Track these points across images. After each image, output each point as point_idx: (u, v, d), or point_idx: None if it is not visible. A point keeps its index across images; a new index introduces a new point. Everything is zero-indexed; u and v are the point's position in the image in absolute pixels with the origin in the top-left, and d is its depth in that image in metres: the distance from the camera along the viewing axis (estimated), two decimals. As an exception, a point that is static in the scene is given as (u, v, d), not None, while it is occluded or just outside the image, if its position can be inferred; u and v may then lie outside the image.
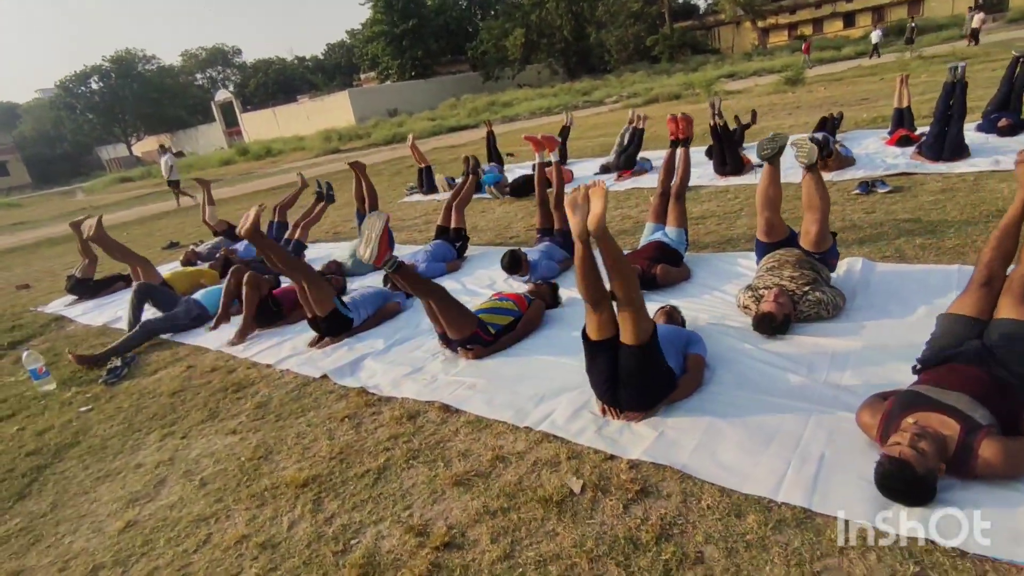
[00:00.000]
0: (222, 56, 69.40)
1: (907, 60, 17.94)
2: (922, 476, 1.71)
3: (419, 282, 3.16)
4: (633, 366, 2.32)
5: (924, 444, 1.74)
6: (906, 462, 1.71)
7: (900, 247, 3.68)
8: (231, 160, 31.54)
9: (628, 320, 2.28)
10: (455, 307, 3.15)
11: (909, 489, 1.73)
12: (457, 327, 3.16)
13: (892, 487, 1.75)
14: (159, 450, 2.92)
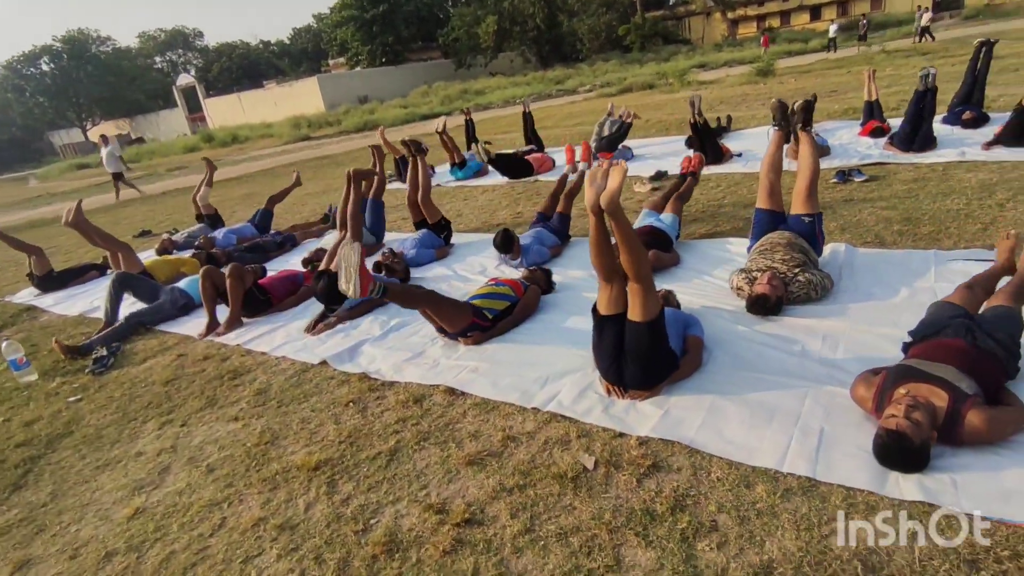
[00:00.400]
0: (183, 39, 67.05)
1: (871, 54, 18.45)
2: (918, 446, 1.83)
3: (410, 297, 3.16)
4: (639, 342, 2.40)
5: (918, 415, 1.86)
6: (903, 434, 1.83)
7: (879, 233, 3.85)
8: (196, 147, 30.60)
9: (637, 296, 2.36)
10: (448, 305, 3.17)
11: (907, 458, 1.85)
12: (454, 322, 3.19)
13: (891, 457, 1.87)
14: (159, 438, 2.89)
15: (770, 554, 1.67)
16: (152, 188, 15.84)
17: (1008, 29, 20.48)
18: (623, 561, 1.73)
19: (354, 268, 2.79)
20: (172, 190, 14.62)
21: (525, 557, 1.81)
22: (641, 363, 2.44)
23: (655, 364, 2.47)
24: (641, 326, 2.38)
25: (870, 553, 1.63)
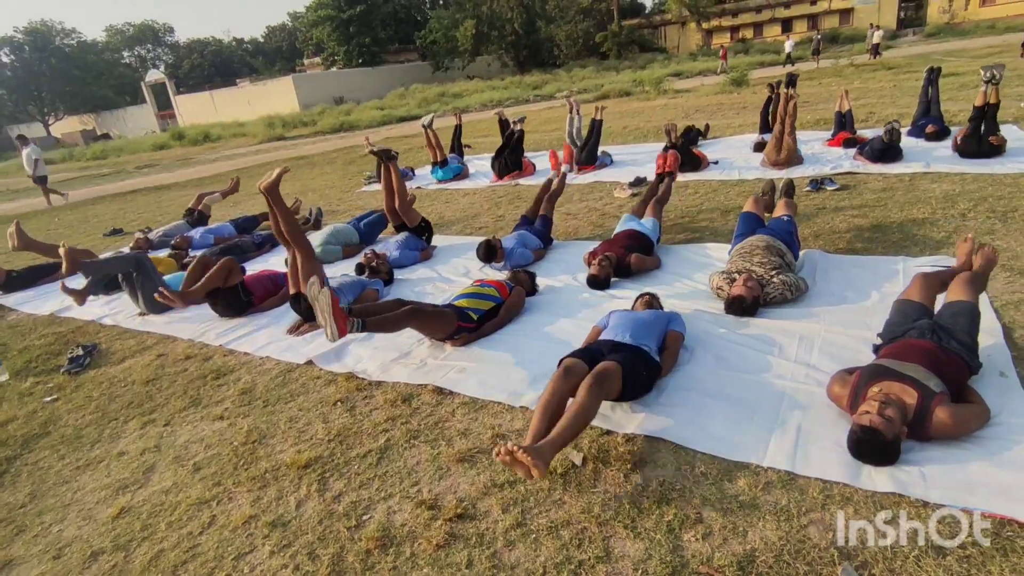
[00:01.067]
0: (152, 34, 65.50)
1: (841, 67, 19.03)
2: (890, 441, 1.93)
3: (391, 323, 3.05)
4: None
5: (890, 411, 1.97)
6: (876, 429, 1.93)
7: (850, 240, 4.00)
8: (165, 145, 29.92)
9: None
10: (432, 318, 3.17)
11: (880, 452, 1.95)
12: (439, 331, 3.22)
13: (865, 452, 1.97)
14: (141, 438, 2.86)
15: (752, 544, 1.75)
16: (121, 186, 15.46)
17: (967, 47, 21.35)
18: (612, 552, 1.79)
19: (328, 314, 2.74)
20: (142, 188, 14.28)
21: (517, 550, 1.85)
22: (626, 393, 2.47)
23: (639, 388, 2.49)
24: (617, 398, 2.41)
25: (845, 541, 1.72)
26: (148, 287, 4.41)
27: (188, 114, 44.08)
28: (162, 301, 4.08)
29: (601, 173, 7.54)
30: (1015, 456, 1.93)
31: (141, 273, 4.46)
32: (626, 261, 3.87)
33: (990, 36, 25.84)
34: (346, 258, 5.38)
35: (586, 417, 2.17)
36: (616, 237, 4.17)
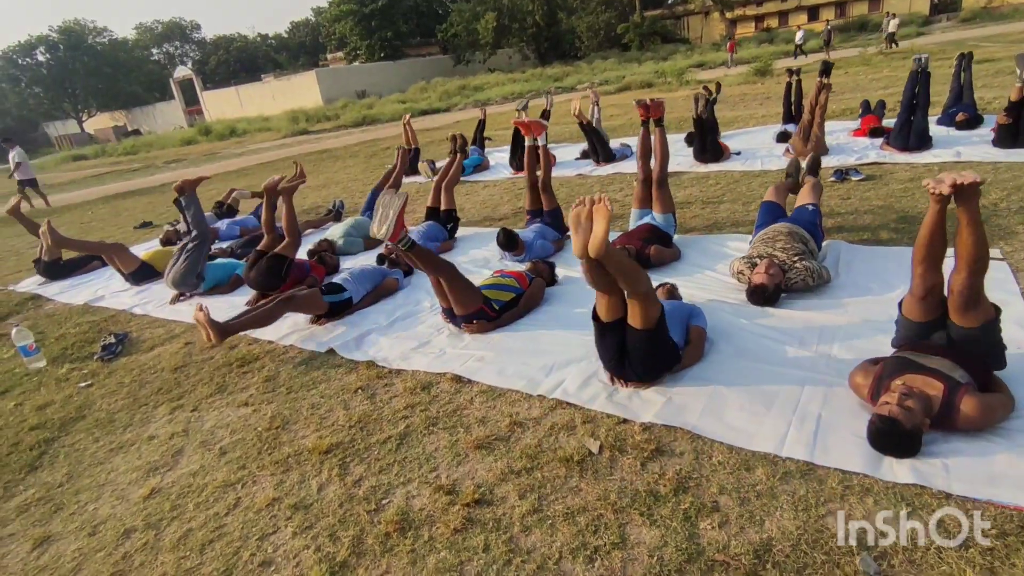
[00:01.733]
0: (179, 31, 66.71)
1: (869, 55, 18.56)
2: (910, 431, 1.90)
3: (431, 259, 3.21)
4: (640, 347, 2.45)
5: (911, 402, 1.94)
6: (895, 420, 1.91)
7: (876, 231, 3.93)
8: (193, 140, 30.55)
9: (637, 307, 2.38)
10: (463, 283, 3.24)
11: (899, 443, 1.93)
12: (464, 303, 3.26)
13: (883, 442, 1.94)
14: (170, 422, 2.95)
15: (769, 532, 1.75)
16: (151, 180, 15.85)
17: (1005, 32, 20.62)
18: (628, 539, 1.81)
19: (394, 211, 2.93)
20: (171, 182, 14.56)
21: (533, 535, 1.88)
22: (643, 363, 2.50)
23: (657, 362, 2.53)
24: (641, 333, 2.41)
25: (865, 532, 1.71)
26: (190, 262, 4.56)
27: (214, 109, 44.88)
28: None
29: (621, 165, 7.50)
30: (1042, 448, 1.89)
31: (198, 248, 4.61)
32: (645, 253, 3.85)
33: (1029, 21, 24.92)
34: (367, 250, 5.45)
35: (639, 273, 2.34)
36: (635, 230, 4.14)
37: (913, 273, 2.21)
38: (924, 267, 2.16)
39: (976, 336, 2.10)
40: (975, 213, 2.05)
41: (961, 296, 2.07)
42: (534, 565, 1.76)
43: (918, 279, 2.18)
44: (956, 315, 2.11)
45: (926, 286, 2.17)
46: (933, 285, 2.17)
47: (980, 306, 2.08)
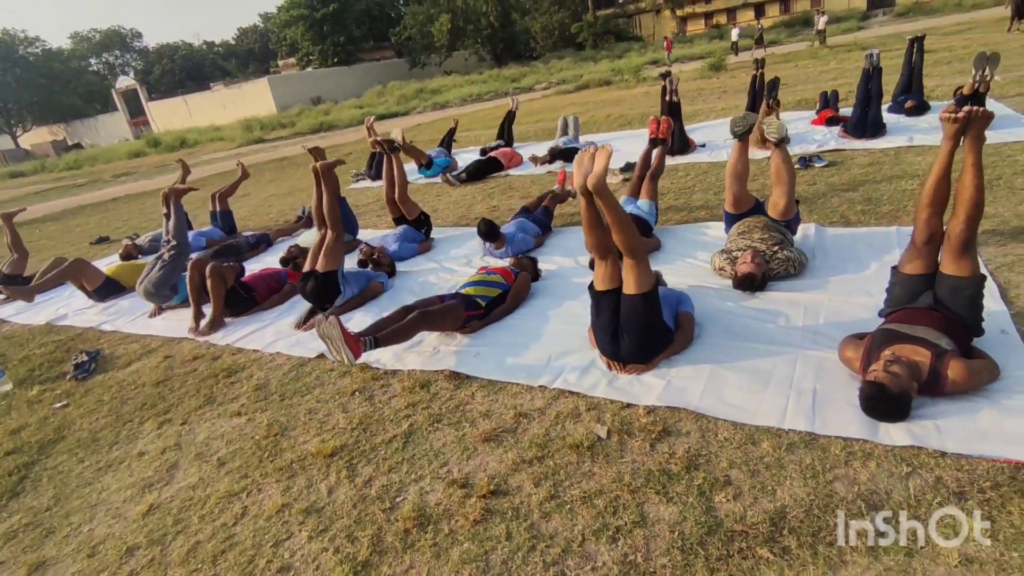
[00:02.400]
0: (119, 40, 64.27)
1: (815, 48, 19.26)
2: (896, 395, 2.01)
3: (402, 332, 3.01)
4: (635, 314, 2.53)
5: (896, 368, 2.05)
6: (882, 384, 2.01)
7: (844, 213, 4.10)
8: (141, 152, 29.37)
9: (631, 270, 2.51)
10: (441, 315, 3.15)
11: (887, 407, 2.03)
12: (450, 325, 3.22)
13: (873, 407, 2.05)
14: (160, 437, 2.86)
15: (782, 500, 1.82)
16: (100, 195, 15.20)
17: (937, 25, 21.70)
18: (648, 517, 1.85)
19: (339, 340, 2.73)
20: (123, 196, 14.06)
21: (554, 520, 1.90)
22: (637, 335, 2.56)
23: (651, 336, 2.60)
24: (636, 298, 2.52)
25: (871, 493, 1.79)
26: (166, 272, 4.41)
27: (162, 120, 43.42)
28: (197, 338, 4.03)
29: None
30: (1022, 405, 2.02)
31: (175, 259, 4.44)
32: (627, 243, 3.92)
33: (957, 13, 26.31)
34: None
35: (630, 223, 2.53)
36: (615, 221, 4.22)
37: (917, 220, 2.39)
38: (930, 212, 2.36)
39: (964, 286, 2.24)
40: (979, 155, 2.29)
41: (959, 239, 2.24)
42: (559, 549, 1.78)
43: (922, 224, 2.36)
44: (951, 262, 2.27)
45: (929, 231, 2.35)
46: (935, 232, 2.36)
47: (973, 256, 2.26)
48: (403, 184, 5.22)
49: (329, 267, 3.78)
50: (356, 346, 2.78)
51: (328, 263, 3.78)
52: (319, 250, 3.94)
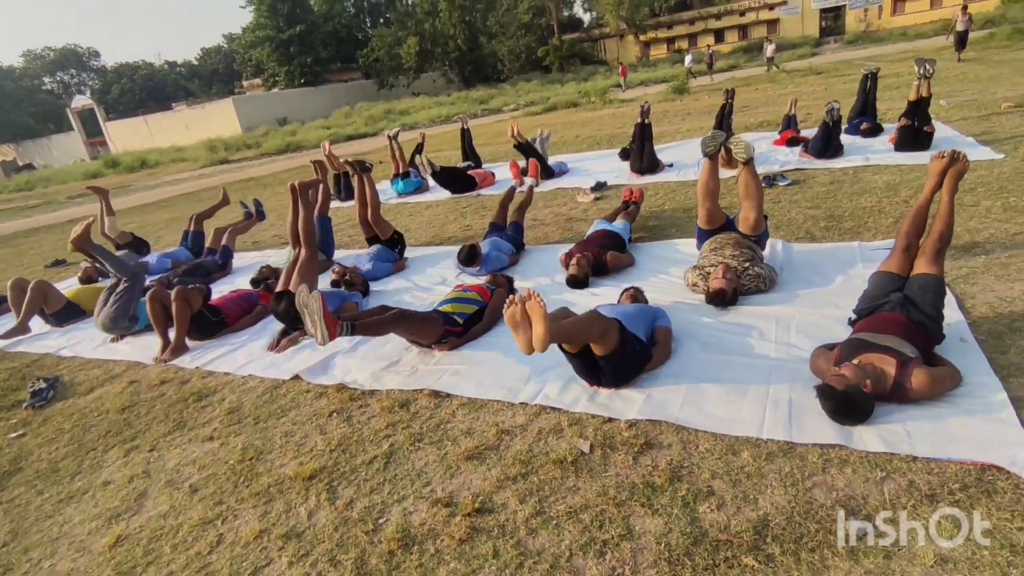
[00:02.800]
0: (75, 59, 62.80)
1: (773, 74, 20.04)
2: (843, 391, 2.09)
3: (379, 325, 3.06)
4: (609, 364, 2.53)
5: (844, 370, 2.15)
6: (827, 385, 2.12)
7: (809, 229, 4.25)
8: (99, 173, 28.57)
9: (595, 345, 2.47)
10: (418, 322, 3.18)
11: (840, 406, 2.11)
12: (427, 335, 3.22)
13: (828, 408, 2.13)
14: (127, 465, 2.75)
15: (764, 509, 1.85)
16: (55, 216, 14.70)
17: (884, 52, 22.87)
18: (634, 529, 1.86)
19: (318, 316, 2.76)
20: (79, 217, 13.55)
21: (541, 536, 1.89)
22: (616, 375, 2.58)
23: (630, 370, 2.61)
24: (607, 356, 2.50)
25: (849, 499, 1.84)
26: (122, 303, 4.26)
27: (120, 140, 42.39)
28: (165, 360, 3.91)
29: (561, 180, 7.70)
30: (984, 410, 2.11)
31: (130, 288, 4.29)
32: (602, 259, 3.98)
33: (903, 42, 27.76)
34: (316, 274, 5.30)
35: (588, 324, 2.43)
36: (590, 238, 4.29)
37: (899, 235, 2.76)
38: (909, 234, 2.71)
39: (931, 283, 2.47)
40: (953, 192, 2.75)
41: (933, 246, 2.57)
42: (547, 565, 1.77)
43: (903, 238, 2.72)
44: (923, 265, 2.55)
45: (909, 241, 2.70)
46: (912, 243, 2.70)
47: (941, 264, 2.56)
48: (375, 204, 5.20)
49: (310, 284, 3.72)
50: (332, 326, 2.79)
51: (302, 283, 3.72)
52: (292, 270, 3.90)
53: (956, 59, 14.93)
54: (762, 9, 41.06)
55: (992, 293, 2.92)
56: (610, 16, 41.45)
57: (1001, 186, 4.47)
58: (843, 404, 2.10)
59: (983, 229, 3.72)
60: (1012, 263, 3.20)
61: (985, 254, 3.37)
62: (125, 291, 4.31)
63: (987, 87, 9.58)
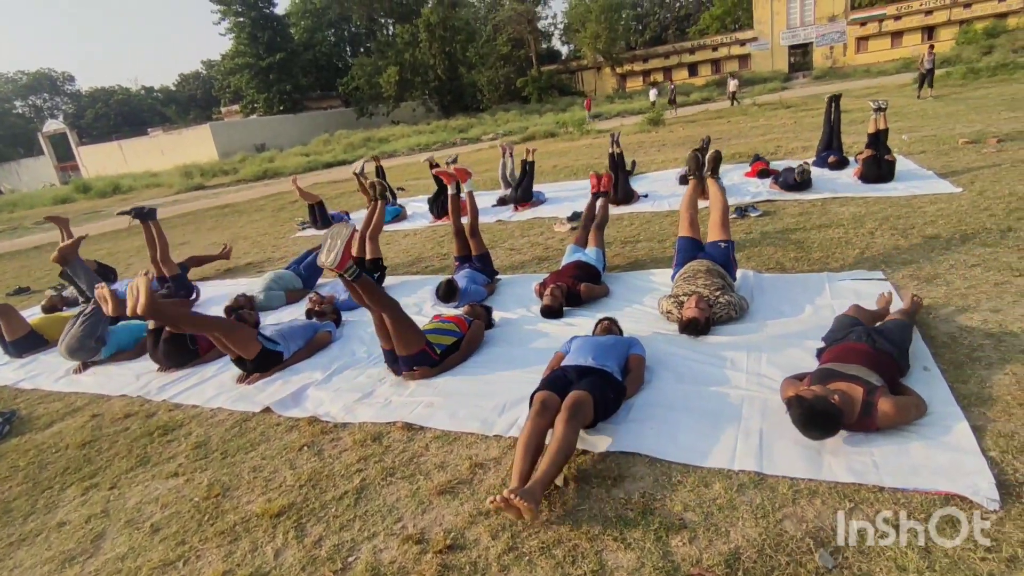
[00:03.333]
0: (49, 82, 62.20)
1: (746, 107, 20.69)
2: (812, 399, 2.13)
3: (376, 292, 3.15)
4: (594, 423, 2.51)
5: (816, 387, 2.20)
6: (797, 396, 2.17)
7: (779, 260, 4.35)
8: (69, 198, 28.04)
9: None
10: (407, 322, 3.22)
11: (809, 415, 2.13)
12: (407, 343, 3.21)
13: (797, 417, 2.16)
14: (84, 504, 2.64)
15: (736, 542, 1.85)
16: (20, 243, 14.35)
17: (850, 88, 23.81)
18: (606, 565, 1.84)
19: (342, 240, 2.90)
20: (47, 244, 13.28)
21: (513, 573, 1.86)
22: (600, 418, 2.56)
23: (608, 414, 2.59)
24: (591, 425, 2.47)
25: (818, 530, 1.85)
26: (87, 328, 4.15)
27: (93, 165, 41.78)
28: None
29: (539, 210, 7.78)
30: (947, 439, 2.15)
31: (97, 313, 4.20)
32: (576, 290, 4.01)
33: (866, 78, 28.98)
34: (290, 303, 5.26)
35: (567, 451, 2.23)
36: (564, 268, 4.32)
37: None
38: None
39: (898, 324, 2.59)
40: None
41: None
42: (519, 604, 1.74)
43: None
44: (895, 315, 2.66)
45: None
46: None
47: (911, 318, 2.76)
48: (379, 227, 5.31)
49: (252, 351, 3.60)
50: (346, 259, 2.93)
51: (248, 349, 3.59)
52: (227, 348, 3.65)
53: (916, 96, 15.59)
54: (733, 44, 42.61)
55: (953, 323, 3.01)
56: (587, 49, 42.64)
57: (960, 219, 4.64)
58: (812, 413, 2.12)
59: (944, 261, 3.85)
60: (971, 294, 3.31)
61: (946, 285, 3.48)
62: (93, 312, 4.22)
63: (945, 123, 10.01)
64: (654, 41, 51.00)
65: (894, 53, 36.95)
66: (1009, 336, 2.81)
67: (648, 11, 55.68)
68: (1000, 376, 2.50)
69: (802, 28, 40.23)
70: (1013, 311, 3.04)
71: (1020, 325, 2.89)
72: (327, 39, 50.47)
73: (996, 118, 9.69)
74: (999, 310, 3.07)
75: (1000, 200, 4.95)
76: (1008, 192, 5.15)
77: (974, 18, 35.80)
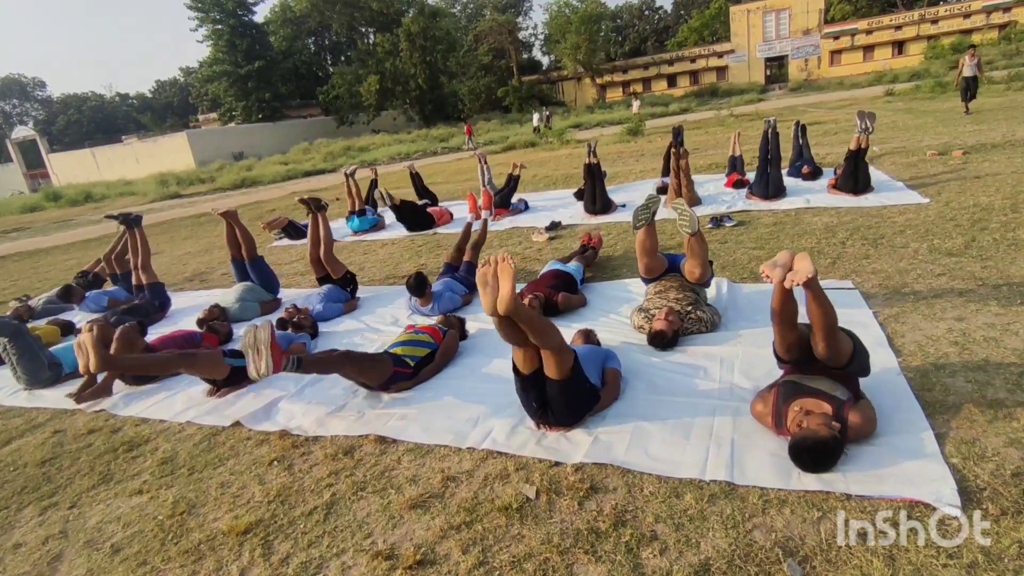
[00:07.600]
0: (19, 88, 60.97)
1: (723, 117, 21.03)
2: (825, 438, 2.08)
3: (326, 364, 3.04)
4: (559, 395, 2.55)
5: (814, 419, 2.16)
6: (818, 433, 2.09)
7: (753, 270, 4.40)
8: (38, 206, 27.39)
9: (550, 359, 2.49)
10: (367, 362, 3.14)
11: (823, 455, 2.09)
12: (376, 377, 3.17)
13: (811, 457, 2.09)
14: (42, 525, 2.55)
15: (706, 553, 1.85)
16: (-12, 252, 13.95)
17: (824, 100, 24.37)
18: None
19: (265, 346, 2.71)
20: (13, 254, 12.95)
21: (483, 590, 1.83)
22: (564, 410, 2.59)
23: (578, 407, 2.62)
24: (558, 383, 2.52)
25: (787, 540, 1.86)
26: (25, 358, 4.03)
27: (64, 173, 40.93)
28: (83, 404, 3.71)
29: (518, 219, 7.80)
30: (913, 447, 2.18)
31: (15, 343, 4.06)
32: (553, 300, 4.01)
33: (840, 91, 29.64)
34: (264, 314, 5.17)
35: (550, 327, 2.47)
36: (542, 278, 4.33)
37: (774, 331, 2.42)
38: (781, 327, 2.38)
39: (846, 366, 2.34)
40: (816, 289, 2.22)
41: (825, 354, 2.30)
42: (488, 621, 1.72)
43: (778, 337, 2.41)
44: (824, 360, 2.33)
45: (786, 344, 2.40)
46: (792, 342, 2.39)
47: (842, 352, 2.30)
48: (328, 243, 5.14)
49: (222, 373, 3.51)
50: (279, 359, 2.74)
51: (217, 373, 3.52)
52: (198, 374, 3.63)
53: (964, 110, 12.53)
54: (711, 57, 43.40)
55: (920, 332, 3.07)
56: (568, 60, 43.08)
57: (927, 229, 4.75)
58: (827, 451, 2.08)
59: (911, 270, 3.93)
60: (937, 303, 3.38)
61: (913, 294, 3.55)
62: (13, 348, 4.08)
63: (914, 135, 10.27)
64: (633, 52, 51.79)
65: (866, 66, 38.02)
66: (972, 344, 2.87)
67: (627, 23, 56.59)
68: (963, 384, 2.55)
69: (778, 41, 41.17)
70: (976, 319, 3.11)
71: (983, 334, 2.96)
72: (307, 48, 50.25)
73: (962, 131, 9.97)
74: (963, 319, 3.14)
75: (965, 211, 5.08)
76: (972, 203, 5.29)
77: (941, 34, 37.05)
